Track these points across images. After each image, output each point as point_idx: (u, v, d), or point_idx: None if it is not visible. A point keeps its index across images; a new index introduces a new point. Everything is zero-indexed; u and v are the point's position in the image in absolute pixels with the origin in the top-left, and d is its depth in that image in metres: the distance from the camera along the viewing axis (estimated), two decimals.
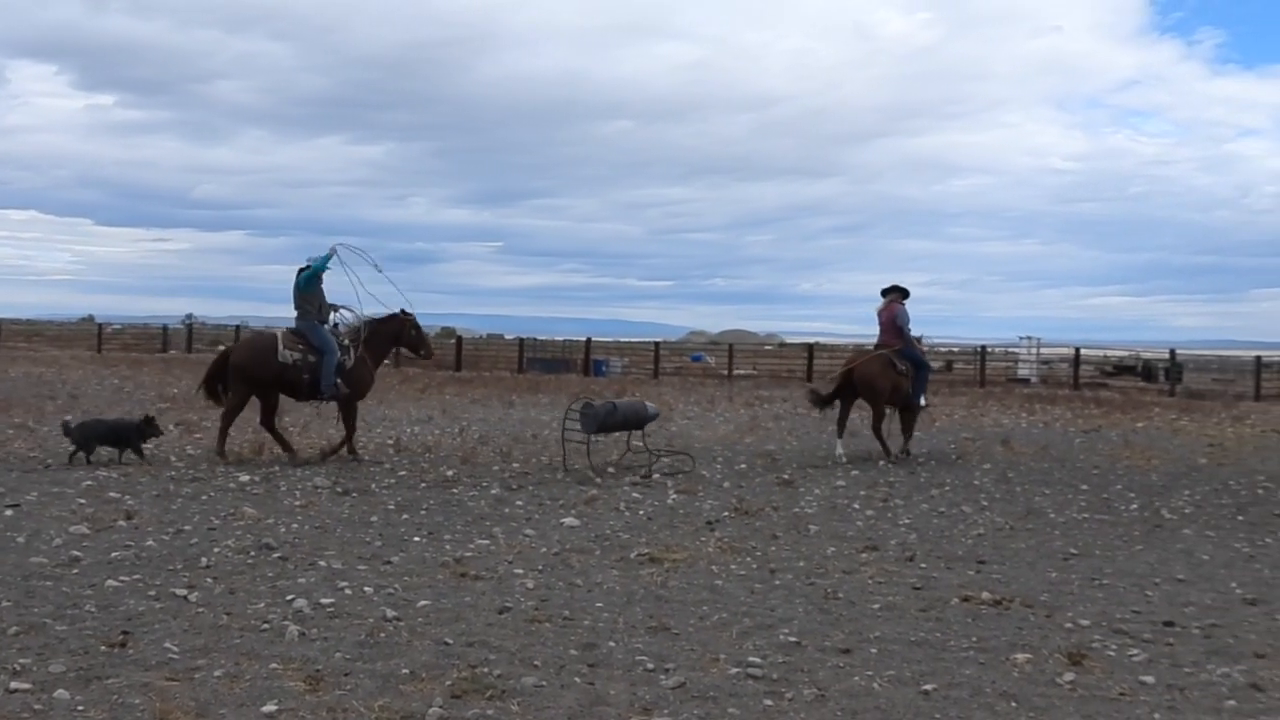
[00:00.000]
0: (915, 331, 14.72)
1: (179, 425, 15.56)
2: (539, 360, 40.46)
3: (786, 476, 12.44)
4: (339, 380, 12.74)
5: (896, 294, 14.62)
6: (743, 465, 13.39)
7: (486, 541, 8.47)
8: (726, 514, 10.02)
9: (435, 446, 14.19)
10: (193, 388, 16.38)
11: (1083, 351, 38.30)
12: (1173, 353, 36.04)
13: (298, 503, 9.87)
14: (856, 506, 10.68)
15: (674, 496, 10.94)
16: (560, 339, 49.37)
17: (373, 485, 11.02)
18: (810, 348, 41.65)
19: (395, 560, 7.69)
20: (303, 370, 12.60)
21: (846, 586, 7.33)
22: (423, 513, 9.64)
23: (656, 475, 12.21)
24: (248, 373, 12.64)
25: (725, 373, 37.69)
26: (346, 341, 12.94)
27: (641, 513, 10.02)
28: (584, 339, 41.75)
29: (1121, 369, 40.30)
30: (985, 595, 7.04)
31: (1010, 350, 41.55)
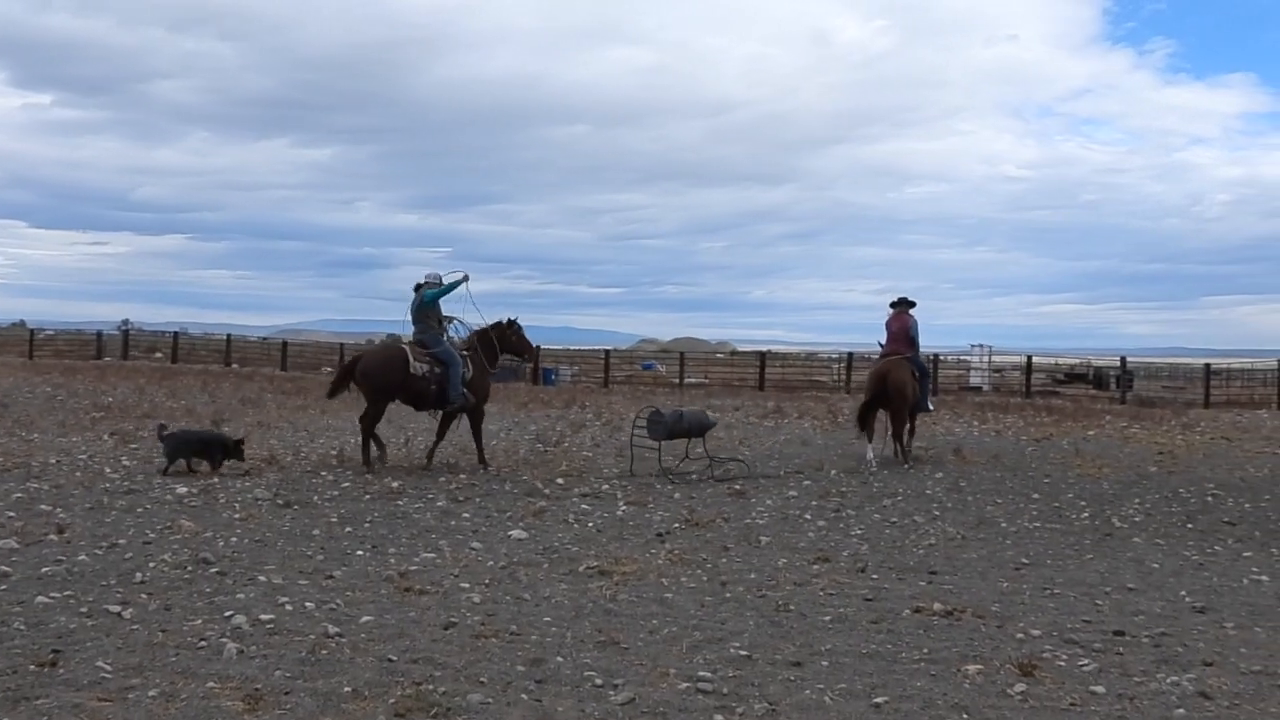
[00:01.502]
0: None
1: (114, 435, 15.30)
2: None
3: (738, 487, 12.50)
4: (465, 390, 13.53)
5: (905, 305, 15.84)
6: (694, 475, 13.42)
7: (432, 555, 8.43)
8: (677, 525, 10.04)
9: (379, 457, 14.05)
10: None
11: (1034, 359, 38.81)
12: (1123, 360, 36.64)
13: (237, 515, 9.75)
14: (808, 517, 10.74)
15: (624, 508, 10.94)
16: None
17: (315, 497, 10.91)
18: (763, 356, 41.84)
19: (338, 574, 7.62)
20: (430, 381, 13.37)
21: (798, 598, 7.37)
22: (366, 525, 9.57)
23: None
24: (379, 382, 13.36)
25: (676, 381, 37.75)
26: (465, 351, 13.74)
27: (591, 525, 10.01)
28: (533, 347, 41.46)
29: (1073, 377, 40.87)
30: (937, 606, 7.11)
31: (962, 358, 41.95)
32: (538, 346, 15.66)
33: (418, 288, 13.68)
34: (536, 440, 15.97)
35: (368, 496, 11.09)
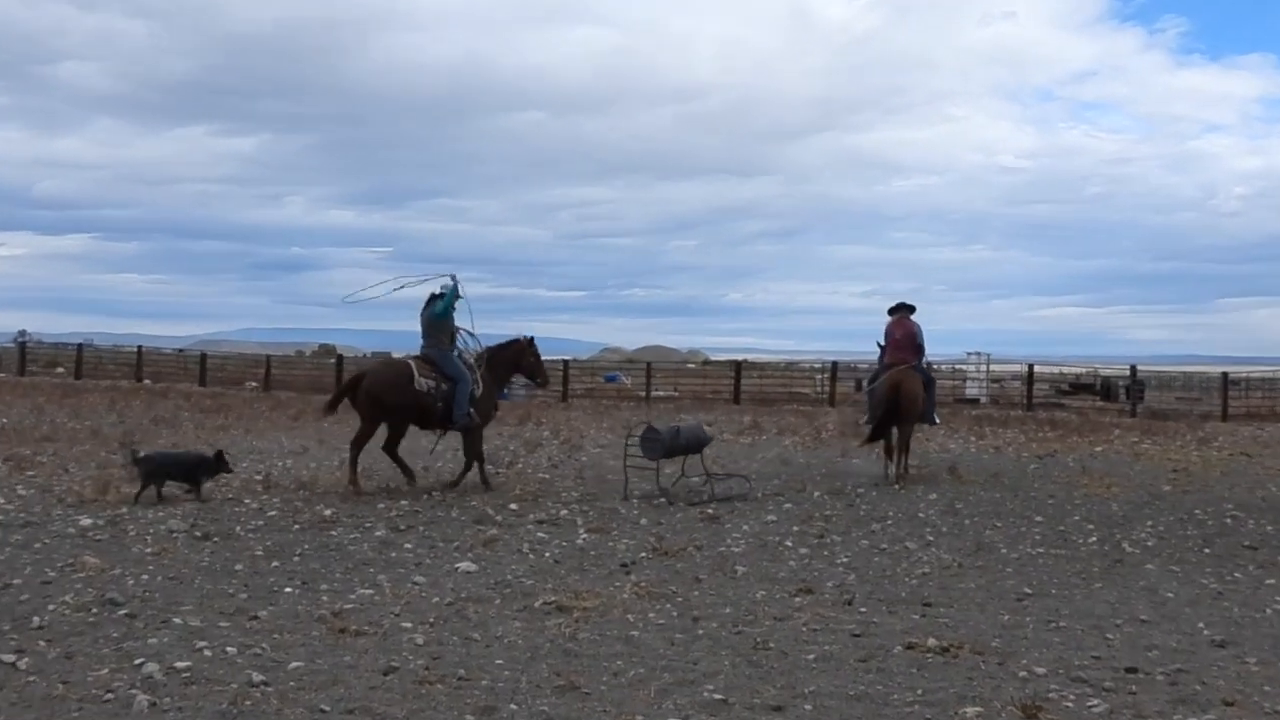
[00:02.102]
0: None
1: (8, 461, 15.10)
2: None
3: (711, 511, 12.51)
4: (472, 410, 13.94)
5: (906, 310, 16.35)
6: (662, 499, 13.43)
7: (370, 591, 8.37)
8: (644, 555, 10.04)
9: (311, 482, 13.98)
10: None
11: (1036, 368, 39.11)
12: (1133, 369, 36.97)
13: (149, 550, 9.64)
14: (789, 544, 10.76)
15: (585, 536, 10.93)
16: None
17: (237, 528, 10.82)
18: (738, 366, 41.94)
19: (263, 615, 7.56)
20: (437, 399, 13.77)
21: (778, 635, 7.37)
22: (296, 559, 9.51)
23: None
24: (384, 400, 13.74)
25: (643, 394, 37.80)
26: (474, 363, 14.17)
27: (548, 555, 10.00)
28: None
29: (1078, 387, 41.30)
30: (931, 642, 7.14)
31: (957, 367, 42.30)
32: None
33: (431, 299, 14.17)
34: (487, 461, 15.91)
35: (297, 526, 11.02)
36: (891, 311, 16.55)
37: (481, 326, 14.50)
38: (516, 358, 14.88)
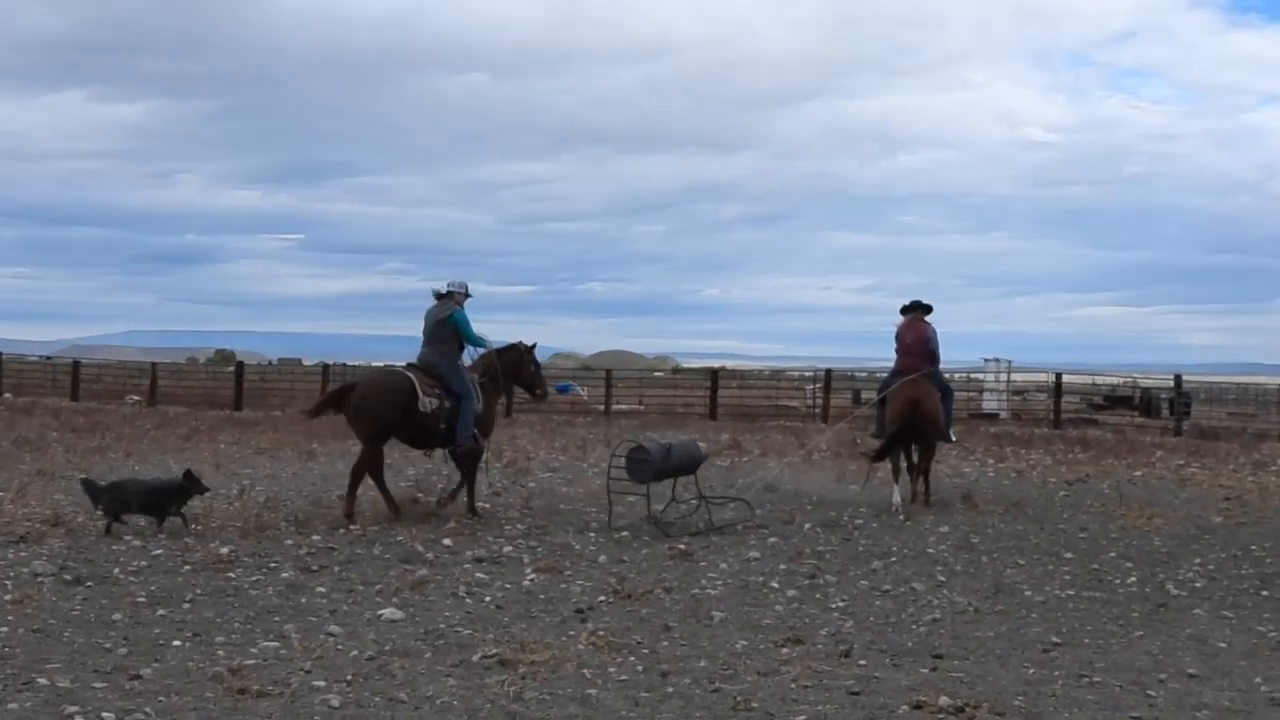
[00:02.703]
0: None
1: None
2: None
3: (684, 546, 12.53)
4: (476, 431, 14.33)
5: (920, 311, 16.89)
6: (624, 532, 13.43)
7: (275, 644, 8.33)
8: (603, 598, 10.04)
9: (205, 514, 13.88)
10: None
11: (1065, 378, 39.31)
12: (1178, 379, 37.23)
13: (8, 597, 9.54)
14: (775, 585, 10.79)
15: (532, 576, 10.92)
16: (380, 364, 48.81)
17: (116, 570, 10.73)
18: (714, 374, 42.05)
19: (147, 673, 7.50)
20: (440, 418, 14.06)
21: (762, 693, 7.38)
22: (186, 606, 9.45)
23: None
24: (383, 419, 13.97)
25: (602, 408, 37.78)
26: (481, 379, 14.61)
27: (488, 599, 9.98)
28: (403, 364, 41.35)
29: (1114, 400, 41.51)
30: (943, 700, 7.17)
31: (973, 376, 42.48)
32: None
33: (439, 297, 14.53)
34: (416, 488, 15.84)
35: (188, 568, 10.94)
36: (904, 311, 16.93)
37: (402, 327, 14.62)
38: (515, 367, 15.25)
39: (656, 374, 64.02)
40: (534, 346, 15.66)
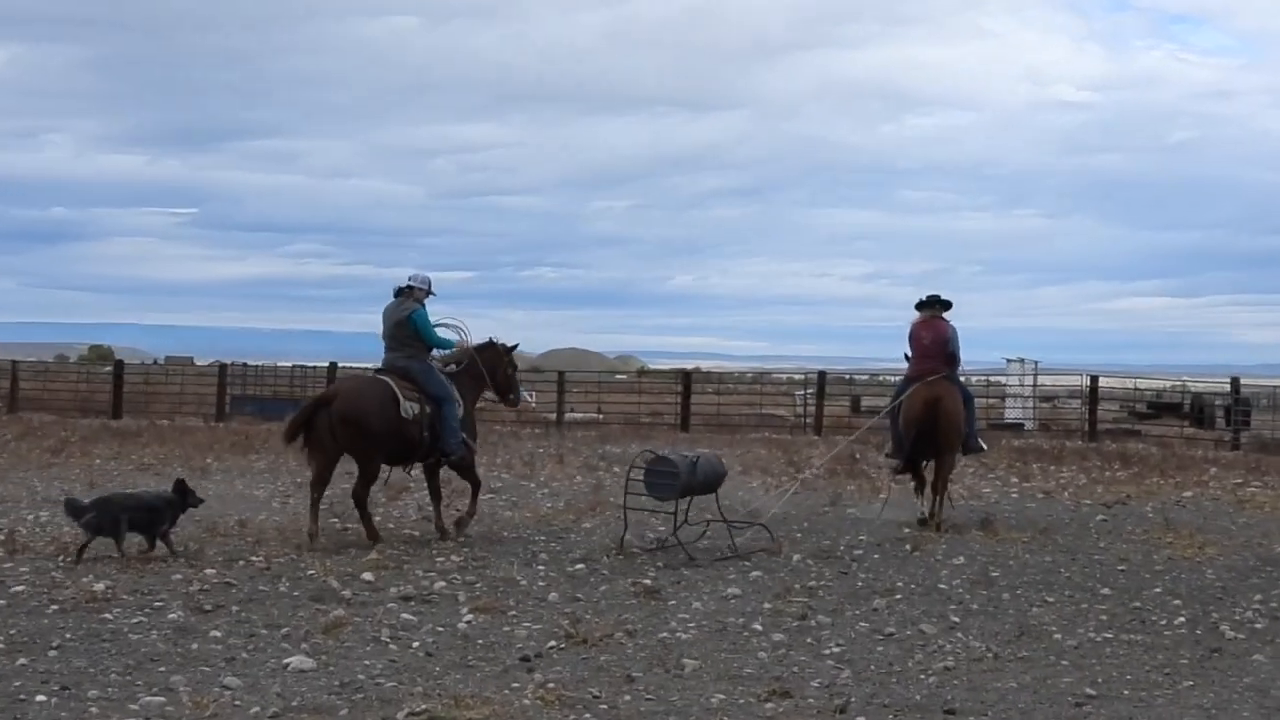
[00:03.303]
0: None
1: None
2: (252, 400, 39.79)
3: (649, 581, 12.52)
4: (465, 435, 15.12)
5: (938, 307, 17.45)
6: (580, 565, 13.42)
7: (159, 699, 8.28)
8: (553, 643, 10.02)
9: (75, 544, 13.81)
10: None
11: (1102, 381, 39.43)
12: (1235, 382, 37.35)
13: None
14: (758, 627, 10.78)
15: (469, 617, 10.89)
16: (288, 364, 48.71)
17: None
18: (687, 376, 41.98)
19: None
20: (423, 426, 14.70)
21: None
22: (53, 654, 9.39)
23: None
24: (369, 430, 14.45)
25: (553, 416, 37.75)
26: (452, 367, 15.41)
27: (416, 644, 9.95)
28: (325, 364, 41.28)
29: (1161, 407, 41.70)
30: None
31: (994, 380, 42.65)
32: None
33: (399, 293, 15.18)
34: (331, 513, 15.79)
35: (55, 607, 10.88)
36: (920, 307, 17.42)
37: (316, 320, 14.84)
38: (491, 368, 15.87)
39: (618, 377, 64.16)
40: (514, 347, 16.30)
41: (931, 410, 16.43)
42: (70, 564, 12.66)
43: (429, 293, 15.35)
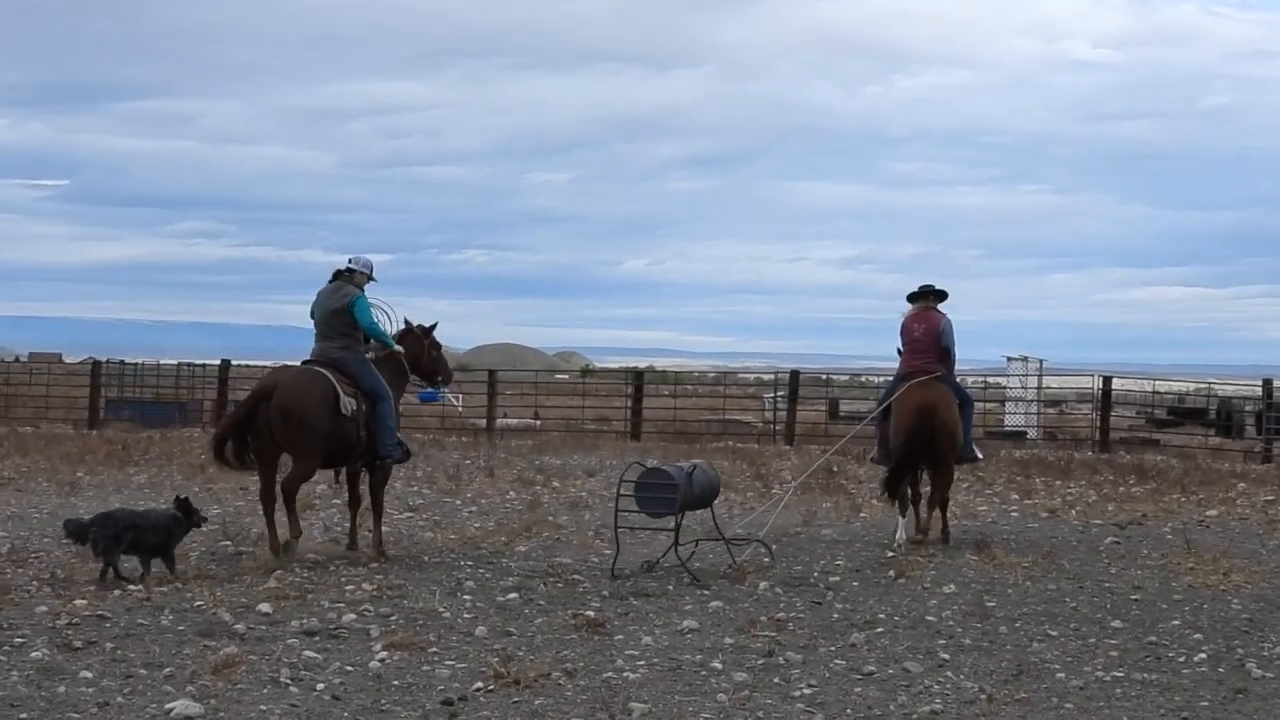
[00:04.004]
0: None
1: None
2: (131, 403, 39.61)
3: (592, 613, 12.56)
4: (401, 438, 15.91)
5: (932, 298, 18.01)
6: (512, 594, 13.45)
7: None
8: (480, 685, 10.05)
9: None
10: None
11: (1117, 383, 39.53)
12: (1269, 385, 37.50)
13: None
14: (718, 666, 10.83)
15: (382, 655, 10.90)
16: (172, 362, 48.44)
17: None
18: (639, 376, 42.00)
19: None
20: (360, 424, 15.31)
21: None
22: None
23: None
24: (311, 426, 14.97)
25: (482, 422, 37.71)
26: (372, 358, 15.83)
27: (321, 686, 9.95)
28: (216, 362, 41.15)
29: (1183, 414, 41.89)
30: None
31: (992, 381, 42.84)
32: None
33: (337, 276, 15.76)
34: (222, 534, 15.77)
35: None
36: (913, 299, 17.98)
37: (206, 310, 14.84)
38: (413, 355, 16.46)
39: (558, 377, 64.16)
40: (433, 326, 16.82)
41: (925, 419, 16.76)
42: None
43: (370, 278, 15.84)
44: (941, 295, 18.04)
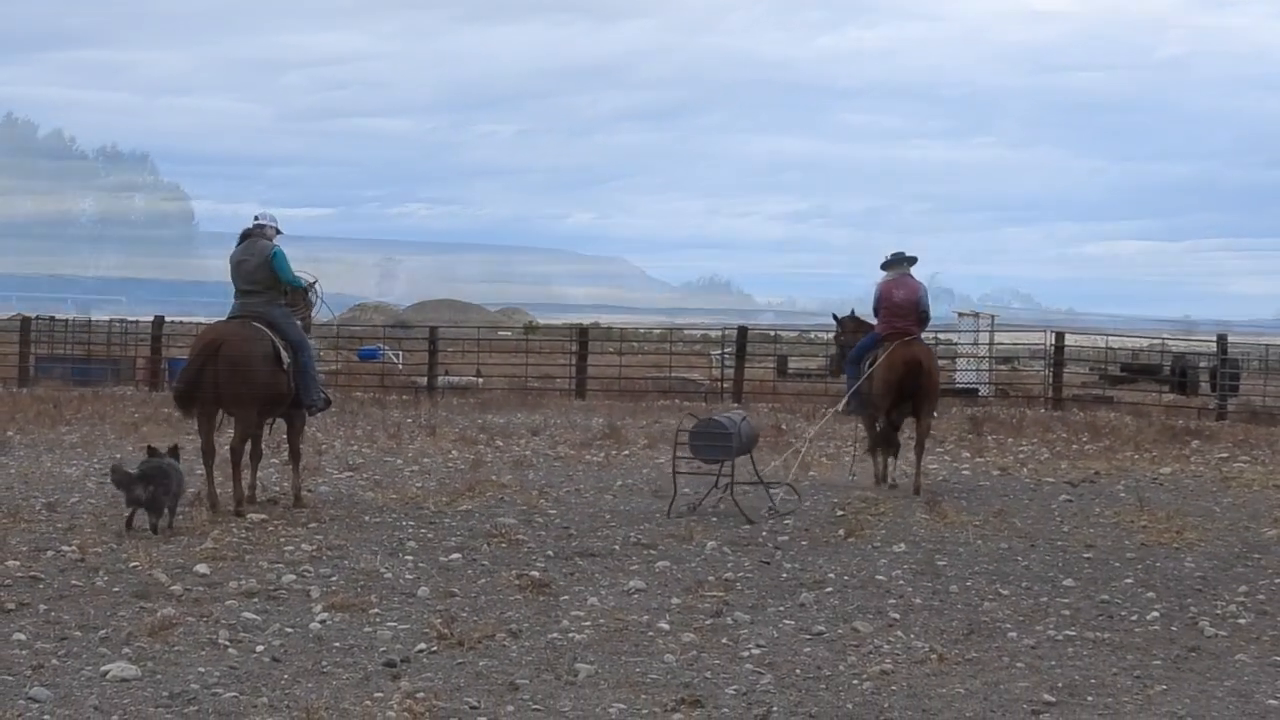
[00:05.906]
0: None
1: None
2: (62, 361, 39.40)
3: (537, 573, 12.56)
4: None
5: (906, 264, 19.33)
6: (455, 554, 13.47)
7: None
8: (423, 646, 10.05)
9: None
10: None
11: (1069, 339, 39.68)
12: (1223, 340, 37.66)
13: None
14: (665, 626, 10.86)
15: (323, 615, 10.88)
16: (104, 319, 48.19)
17: None
18: (583, 332, 41.99)
19: None
20: (290, 376, 15.82)
21: None
22: None
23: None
24: (255, 378, 15.44)
25: (423, 380, 37.65)
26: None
27: (261, 648, 9.92)
28: (150, 319, 40.93)
29: (1137, 370, 42.13)
30: None
31: (943, 337, 42.92)
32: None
33: (246, 235, 16.28)
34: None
35: None
36: (886, 267, 19.35)
37: (136, 267, 14.82)
38: (303, 311, 17.06)
39: (502, 334, 63.95)
40: (314, 283, 17.52)
41: (913, 371, 17.98)
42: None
43: (278, 231, 16.21)
44: (912, 260, 19.33)
